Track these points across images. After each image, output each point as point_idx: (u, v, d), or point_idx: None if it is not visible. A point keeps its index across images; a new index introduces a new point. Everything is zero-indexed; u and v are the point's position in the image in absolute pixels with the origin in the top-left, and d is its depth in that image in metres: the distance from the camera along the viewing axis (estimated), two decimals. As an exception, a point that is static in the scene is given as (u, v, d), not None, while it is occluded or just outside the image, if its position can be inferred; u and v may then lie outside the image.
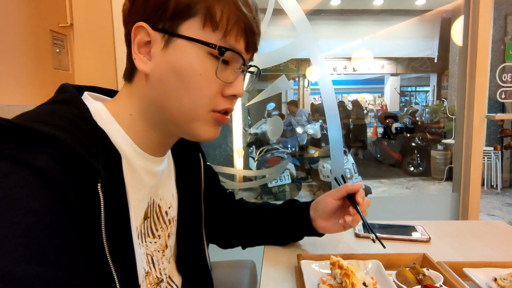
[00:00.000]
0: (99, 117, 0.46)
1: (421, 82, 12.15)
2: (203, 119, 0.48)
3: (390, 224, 0.94)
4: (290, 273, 0.71)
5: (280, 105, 8.87)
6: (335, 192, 0.72)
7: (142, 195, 0.51)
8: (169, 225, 0.58)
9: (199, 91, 0.46)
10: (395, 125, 6.14)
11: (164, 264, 0.56)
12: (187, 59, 0.45)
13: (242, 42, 0.47)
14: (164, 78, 0.46)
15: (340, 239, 0.90)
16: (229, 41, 0.45)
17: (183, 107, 0.46)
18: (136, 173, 0.48)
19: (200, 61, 0.45)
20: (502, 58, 1.72)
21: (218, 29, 0.45)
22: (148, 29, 0.45)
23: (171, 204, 0.59)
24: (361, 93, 14.13)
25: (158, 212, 0.56)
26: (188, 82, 0.45)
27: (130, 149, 0.48)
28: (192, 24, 0.44)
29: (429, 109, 6.85)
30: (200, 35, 0.45)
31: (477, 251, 0.79)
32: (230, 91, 0.48)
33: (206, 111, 0.47)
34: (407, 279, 0.60)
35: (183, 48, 0.45)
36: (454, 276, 0.61)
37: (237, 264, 1.27)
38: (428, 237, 0.85)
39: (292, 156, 4.17)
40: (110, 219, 0.40)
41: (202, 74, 0.45)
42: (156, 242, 0.54)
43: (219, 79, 0.46)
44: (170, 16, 0.44)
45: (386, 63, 8.93)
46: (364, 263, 0.66)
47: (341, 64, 8.14)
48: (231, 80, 0.48)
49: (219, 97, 0.48)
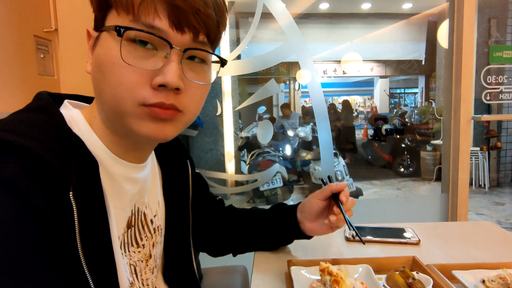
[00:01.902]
0: (75, 125, 0.45)
1: (409, 84, 12.35)
2: (133, 114, 0.42)
3: (380, 227, 0.94)
4: (280, 279, 0.70)
5: (271, 108, 8.89)
6: (320, 193, 0.72)
7: (124, 203, 0.49)
8: (154, 234, 0.56)
9: (115, 81, 0.41)
10: (385, 126, 6.21)
11: (147, 274, 0.54)
12: (103, 50, 0.43)
13: (163, 18, 0.41)
14: (93, 73, 0.45)
15: (331, 243, 0.90)
16: (142, 19, 0.40)
17: (108, 101, 0.43)
18: (115, 181, 0.47)
19: (112, 49, 0.42)
20: (487, 61, 1.75)
21: (130, 11, 0.41)
22: (90, 30, 0.46)
23: (157, 213, 0.58)
24: (351, 95, 14.27)
25: (143, 221, 0.54)
26: (105, 73, 0.42)
27: (107, 157, 0.46)
28: (112, 14, 0.43)
29: (417, 111, 6.96)
30: (116, 23, 0.41)
31: (465, 252, 0.80)
32: (158, 80, 0.41)
33: (132, 105, 0.42)
34: (397, 283, 0.60)
35: (103, 40, 0.43)
36: (443, 279, 0.61)
37: (229, 270, 1.26)
38: (418, 240, 0.85)
39: (283, 159, 4.17)
40: (86, 228, 0.39)
41: (115, 63, 0.41)
42: (140, 251, 0.52)
43: (128, 63, 0.40)
44: (95, 11, 0.45)
45: (375, 66, 9.05)
46: (354, 268, 0.66)
47: (331, 67, 8.22)
48: (155, 67, 0.41)
49: (147, 89, 0.41)
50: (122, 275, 0.46)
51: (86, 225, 0.39)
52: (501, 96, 1.69)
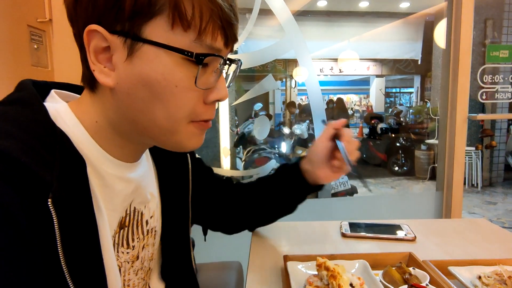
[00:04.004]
0: (60, 119, 0.41)
1: (405, 84, 12.41)
2: (183, 131, 0.43)
3: (376, 224, 0.94)
4: (276, 274, 0.70)
5: (267, 105, 8.88)
6: (322, 135, 0.71)
7: (115, 204, 0.46)
8: (146, 236, 0.53)
9: (175, 104, 0.40)
10: (380, 125, 6.24)
11: (130, 275, 0.51)
12: (158, 69, 0.39)
13: (220, 38, 0.41)
14: (133, 92, 0.40)
15: (327, 239, 0.90)
16: (205, 41, 0.39)
17: (158, 121, 0.41)
18: (105, 181, 0.43)
19: (174, 70, 0.39)
20: (483, 60, 1.76)
21: (190, 28, 0.38)
22: (104, 33, 0.38)
23: (154, 214, 0.55)
24: (347, 94, 14.32)
25: (139, 221, 0.51)
26: (162, 95, 0.39)
27: (97, 155, 0.43)
28: (158, 24, 0.38)
29: (413, 110, 7.01)
30: (169, 38, 0.38)
31: (461, 249, 0.80)
32: (213, 96, 0.43)
33: (186, 123, 0.42)
34: (393, 278, 0.60)
35: (151, 56, 0.38)
36: (440, 275, 0.61)
37: (223, 266, 1.26)
38: (414, 236, 0.86)
39: (279, 156, 4.17)
40: (69, 236, 0.35)
41: (178, 85, 0.39)
42: (128, 252, 0.50)
43: (199, 88, 0.41)
44: (128, 15, 0.37)
45: (372, 65, 9.07)
46: (351, 263, 0.66)
47: (327, 65, 8.22)
48: (212, 85, 0.42)
49: (200, 106, 0.42)
50: (112, 280, 0.43)
51: (70, 232, 0.35)
52: (496, 96, 1.70)
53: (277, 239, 0.92)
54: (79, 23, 0.40)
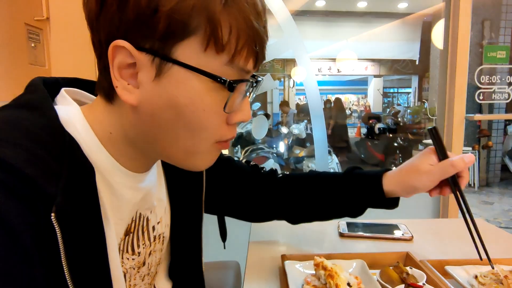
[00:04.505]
0: (71, 124, 0.40)
1: (403, 84, 12.44)
2: (206, 151, 0.43)
3: (373, 223, 0.94)
4: (274, 274, 0.70)
5: (265, 105, 8.88)
6: (439, 172, 0.60)
7: (123, 213, 0.45)
8: (153, 242, 0.52)
9: (201, 128, 0.40)
10: (378, 125, 6.25)
11: (136, 280, 0.51)
12: (186, 93, 0.37)
13: (252, 60, 0.39)
14: (157, 113, 0.38)
15: (325, 238, 0.90)
16: (237, 63, 0.38)
17: (181, 143, 0.41)
18: (115, 190, 0.42)
19: (204, 95, 0.38)
20: (480, 61, 1.77)
21: (224, 52, 0.37)
22: (131, 50, 0.36)
23: (161, 220, 0.54)
24: (345, 94, 14.34)
25: (144, 227, 0.50)
26: (189, 119, 0.38)
27: (108, 164, 0.42)
28: (190, 45, 0.36)
29: (410, 110, 7.02)
30: (201, 60, 0.36)
31: (458, 248, 0.80)
32: (237, 118, 0.42)
33: (209, 144, 0.42)
34: (391, 278, 0.60)
35: (181, 78, 0.37)
36: (437, 275, 0.61)
37: (221, 265, 1.26)
38: (411, 236, 0.86)
39: (277, 156, 4.18)
40: (75, 250, 0.34)
41: (206, 110, 0.38)
42: (134, 259, 0.49)
43: (227, 112, 0.40)
44: (160, 35, 0.35)
45: (370, 65, 9.10)
46: (348, 263, 0.66)
47: (326, 65, 8.23)
48: (238, 107, 0.42)
49: (224, 127, 0.42)
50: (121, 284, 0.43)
51: (75, 245, 0.34)
52: (493, 96, 1.71)
53: (275, 239, 0.92)
54: (101, 33, 0.38)
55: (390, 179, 0.65)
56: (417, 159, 0.64)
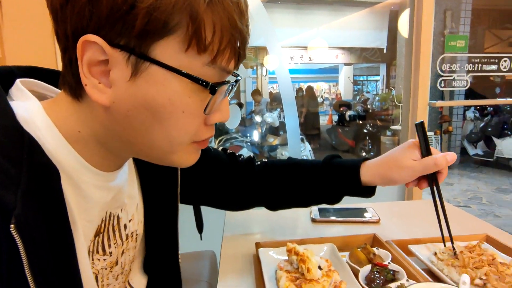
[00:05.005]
0: (31, 122, 0.36)
1: (372, 72, 12.82)
2: (184, 151, 0.41)
3: (343, 208, 0.98)
4: (249, 262, 0.71)
5: (238, 93, 8.83)
6: (419, 170, 0.60)
7: (92, 215, 0.43)
8: (125, 241, 0.51)
9: (179, 129, 0.38)
10: (349, 113, 6.43)
11: (109, 280, 0.49)
12: (165, 93, 0.35)
13: (233, 61, 0.38)
14: (132, 114, 0.36)
15: (298, 225, 0.92)
16: (218, 64, 0.37)
17: (158, 144, 0.39)
18: (82, 191, 0.40)
19: (183, 96, 0.36)
20: (442, 50, 1.86)
21: (206, 52, 0.35)
22: (104, 46, 0.33)
23: (133, 217, 0.52)
24: (317, 82, 14.56)
25: (115, 225, 0.48)
26: (166, 120, 0.37)
27: (75, 163, 0.39)
28: (169, 44, 0.34)
29: (379, 98, 7.28)
30: (181, 60, 0.35)
31: (420, 228, 0.86)
32: (216, 118, 0.41)
33: (187, 144, 0.41)
34: (359, 259, 0.63)
35: (160, 78, 0.35)
36: (401, 254, 0.65)
37: (197, 255, 1.26)
38: (378, 218, 0.90)
39: (251, 145, 4.19)
40: (39, 259, 0.32)
41: (185, 111, 0.37)
42: (105, 259, 0.47)
43: (207, 114, 0.39)
44: (138, 33, 0.33)
45: (340, 53, 9.26)
46: (319, 247, 0.69)
47: (297, 53, 8.28)
48: (217, 108, 0.41)
49: (202, 127, 0.41)
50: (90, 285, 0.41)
51: (40, 254, 0.32)
52: (453, 84, 1.81)
53: (249, 227, 0.93)
54: (67, 25, 0.34)
55: (369, 169, 0.65)
56: (400, 152, 0.63)
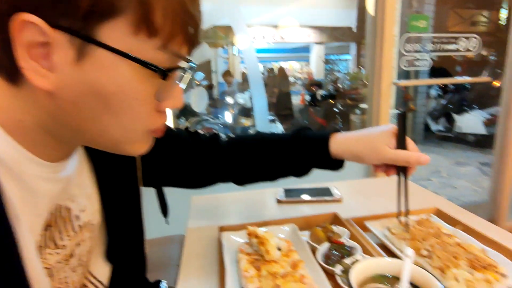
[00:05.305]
0: None
1: (343, 51, 12.92)
2: (139, 141, 0.40)
3: (308, 188, 1.01)
4: (213, 246, 0.72)
5: (209, 74, 8.64)
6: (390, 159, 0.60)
7: (39, 208, 0.40)
8: (79, 232, 0.49)
9: (132, 117, 0.37)
10: (320, 92, 6.51)
11: (66, 273, 0.47)
12: (115, 79, 0.34)
13: (186, 46, 0.37)
14: (80, 100, 0.34)
15: (264, 206, 0.94)
16: (170, 48, 0.35)
17: (110, 133, 0.37)
18: (26, 184, 0.38)
19: (135, 83, 0.35)
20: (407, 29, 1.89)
21: (156, 36, 0.34)
22: (44, 27, 0.30)
23: (85, 208, 0.50)
24: (289, 61, 14.52)
25: (66, 217, 0.46)
26: (117, 108, 0.35)
27: (15, 154, 0.36)
28: (118, 27, 0.32)
29: (349, 77, 7.40)
30: (130, 44, 0.33)
31: (379, 205, 0.90)
32: (169, 105, 0.40)
33: (140, 133, 0.39)
34: (318, 238, 0.65)
35: (108, 63, 0.33)
36: (358, 230, 0.68)
37: (167, 240, 1.26)
38: (340, 197, 0.93)
39: (223, 127, 4.16)
40: None
41: (138, 98, 0.36)
42: (58, 253, 0.45)
43: (160, 100, 0.38)
44: (83, 14, 0.30)
45: (312, 32, 9.24)
46: (282, 228, 0.70)
47: (269, 32, 8.17)
48: (170, 94, 0.40)
49: (155, 115, 0.39)
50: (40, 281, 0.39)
51: None
52: (416, 63, 1.86)
53: (215, 211, 0.93)
54: None
55: (340, 143, 0.64)
56: (377, 135, 0.62)
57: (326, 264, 0.57)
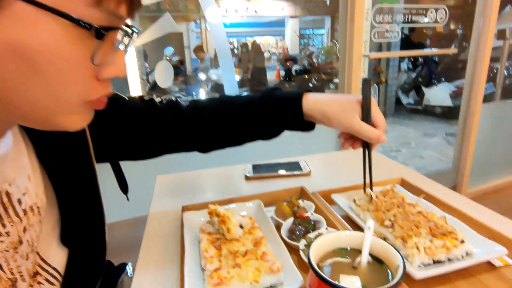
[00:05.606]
0: None
1: (317, 25, 12.79)
2: (71, 113, 0.36)
3: (277, 163, 0.99)
4: (176, 226, 0.69)
5: (182, 50, 8.30)
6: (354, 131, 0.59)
7: None
8: (24, 216, 0.45)
9: (63, 82, 0.33)
10: (295, 67, 6.46)
11: (17, 262, 0.44)
12: (40, 37, 0.30)
13: (124, 6, 0.33)
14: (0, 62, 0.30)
15: (231, 183, 0.91)
16: (106, 6, 0.31)
17: (39, 102, 0.33)
18: None
19: (65, 43, 0.31)
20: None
21: None
22: None
23: (27, 190, 0.46)
24: (264, 36, 14.22)
25: (7, 203, 0.42)
26: (45, 71, 0.31)
27: None
28: None
29: (323, 51, 7.36)
30: None
31: (346, 177, 0.90)
32: (109, 73, 0.36)
33: (76, 104, 0.35)
34: (284, 213, 0.64)
35: (29, 18, 0.29)
36: (324, 203, 0.67)
37: (134, 221, 1.22)
38: (309, 171, 0.92)
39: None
40: None
41: (69, 61, 0.32)
42: (3, 241, 0.42)
43: (96, 64, 0.34)
44: None
45: (286, 5, 9.03)
46: (246, 205, 0.68)
47: (242, 5, 7.89)
48: (110, 59, 0.36)
49: (94, 83, 0.35)
50: None
51: None
52: (386, 35, 1.85)
53: (180, 189, 0.90)
54: None
55: (312, 102, 0.62)
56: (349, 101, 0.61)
57: (290, 239, 0.56)
